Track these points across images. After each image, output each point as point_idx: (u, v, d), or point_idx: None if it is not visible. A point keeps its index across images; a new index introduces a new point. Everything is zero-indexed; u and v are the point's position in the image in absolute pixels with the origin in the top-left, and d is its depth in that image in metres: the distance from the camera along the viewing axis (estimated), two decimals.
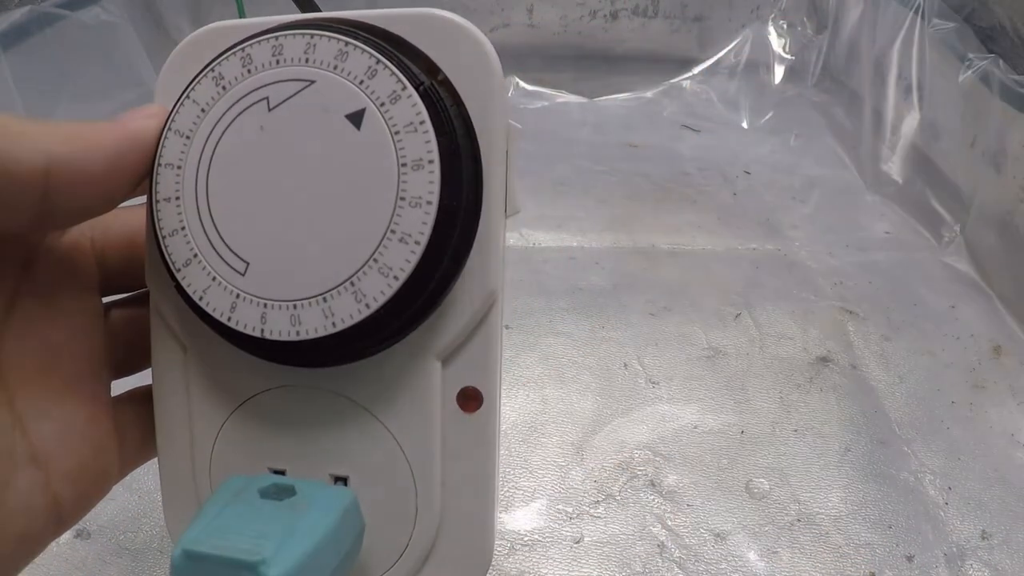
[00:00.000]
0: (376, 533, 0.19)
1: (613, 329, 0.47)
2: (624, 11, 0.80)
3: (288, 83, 0.18)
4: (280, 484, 0.18)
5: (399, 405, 0.19)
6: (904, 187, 0.63)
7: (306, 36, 0.18)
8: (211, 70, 0.18)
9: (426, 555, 0.19)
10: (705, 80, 0.81)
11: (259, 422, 0.20)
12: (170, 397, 0.21)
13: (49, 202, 0.17)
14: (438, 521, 0.19)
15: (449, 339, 0.18)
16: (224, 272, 0.18)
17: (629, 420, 0.41)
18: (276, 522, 0.16)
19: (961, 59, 0.57)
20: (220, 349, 0.19)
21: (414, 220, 0.17)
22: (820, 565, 0.34)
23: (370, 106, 0.17)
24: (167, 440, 0.21)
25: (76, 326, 0.20)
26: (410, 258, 0.17)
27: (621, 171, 0.67)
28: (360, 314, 0.17)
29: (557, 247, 0.55)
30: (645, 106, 0.79)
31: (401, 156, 0.17)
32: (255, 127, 0.18)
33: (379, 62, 0.17)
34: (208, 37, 0.20)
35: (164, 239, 0.18)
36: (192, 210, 0.18)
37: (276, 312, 0.17)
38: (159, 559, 0.34)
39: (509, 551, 0.34)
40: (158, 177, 0.19)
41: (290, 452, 0.20)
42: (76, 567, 0.33)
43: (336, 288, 0.17)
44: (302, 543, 0.16)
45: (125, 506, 0.36)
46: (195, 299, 0.18)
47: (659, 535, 0.35)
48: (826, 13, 0.76)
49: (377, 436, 0.19)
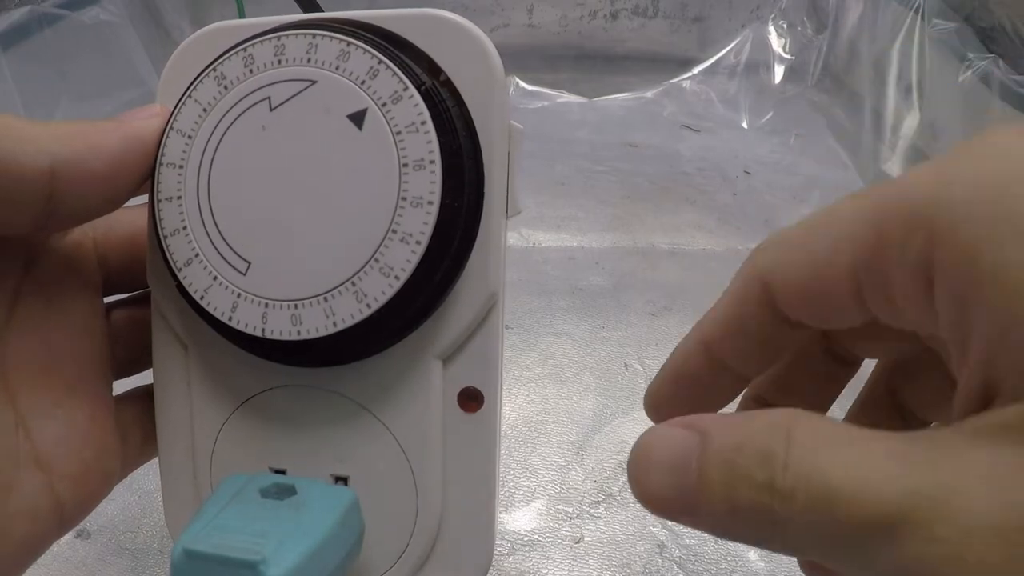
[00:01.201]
0: (376, 533, 0.19)
1: (613, 329, 0.47)
2: (624, 11, 0.80)
3: (290, 83, 0.18)
4: (281, 483, 0.18)
5: (400, 405, 0.19)
6: None
7: (308, 36, 0.18)
8: (213, 70, 0.18)
9: (426, 555, 0.19)
10: (705, 80, 0.81)
11: (260, 422, 0.20)
12: (171, 397, 0.21)
13: (54, 203, 0.17)
14: (438, 521, 0.19)
15: (450, 339, 0.18)
16: (225, 272, 0.18)
17: (629, 420, 0.41)
18: (276, 521, 0.16)
19: (961, 59, 0.57)
20: (221, 349, 0.19)
21: (415, 220, 0.17)
22: None
23: (372, 106, 0.17)
24: (168, 440, 0.21)
25: (78, 326, 0.20)
26: (411, 258, 0.17)
27: (621, 171, 0.67)
28: (361, 314, 0.17)
29: (557, 247, 0.55)
30: (645, 106, 0.79)
31: (403, 156, 0.17)
32: (257, 127, 0.18)
33: (381, 62, 0.17)
34: (210, 37, 0.20)
35: (165, 238, 0.18)
36: (194, 209, 0.18)
37: (277, 312, 0.17)
38: (159, 559, 0.34)
39: (509, 551, 0.34)
40: (160, 176, 0.19)
41: (291, 452, 0.20)
42: (76, 567, 0.33)
43: (337, 288, 0.17)
44: (302, 542, 0.16)
45: (125, 506, 0.35)
46: (196, 298, 0.18)
47: (659, 535, 0.35)
48: (826, 13, 0.76)
49: (378, 436, 0.19)
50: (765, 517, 0.14)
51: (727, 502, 0.15)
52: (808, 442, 0.14)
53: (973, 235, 0.13)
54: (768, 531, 0.14)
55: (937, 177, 0.14)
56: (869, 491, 0.13)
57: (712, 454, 0.15)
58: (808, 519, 0.14)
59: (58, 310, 0.20)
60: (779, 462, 0.14)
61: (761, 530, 0.15)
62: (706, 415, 0.16)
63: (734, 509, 0.15)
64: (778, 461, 0.14)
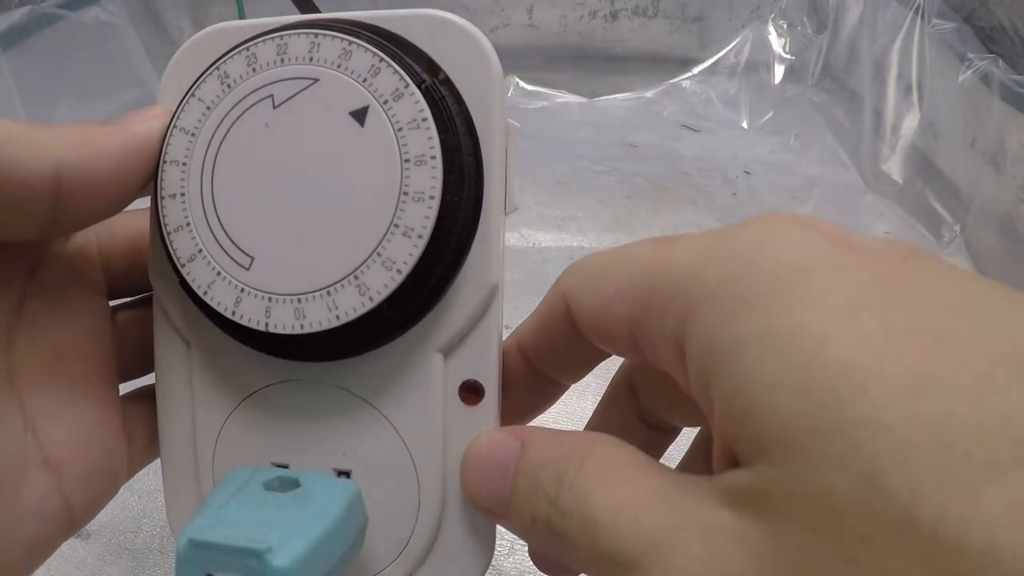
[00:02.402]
0: (378, 527, 0.19)
1: None
2: (624, 11, 0.80)
3: (292, 81, 0.18)
4: (284, 477, 0.18)
5: (401, 398, 0.19)
6: (904, 187, 0.63)
7: (310, 35, 0.18)
8: (216, 69, 0.19)
9: (428, 549, 0.20)
10: (705, 80, 0.81)
11: (262, 417, 0.20)
12: (173, 393, 0.21)
13: (59, 208, 0.17)
14: (440, 515, 0.19)
15: (451, 332, 0.19)
16: (229, 267, 0.18)
17: None
18: (281, 512, 0.17)
19: (961, 59, 0.57)
20: (223, 344, 0.19)
21: (417, 214, 0.17)
22: None
23: (373, 103, 0.17)
24: (170, 436, 0.21)
25: (84, 329, 0.20)
26: (413, 251, 0.17)
27: (621, 171, 0.67)
28: (364, 307, 0.17)
29: (557, 247, 0.55)
30: (645, 106, 0.79)
31: (404, 152, 0.17)
32: (260, 124, 0.18)
33: (382, 60, 0.17)
34: (211, 38, 0.20)
35: (169, 235, 0.19)
36: (197, 206, 0.18)
37: (280, 306, 0.18)
38: (159, 559, 0.34)
39: (509, 551, 0.34)
40: (163, 174, 0.19)
41: (293, 446, 0.20)
42: (76, 567, 0.33)
43: (340, 281, 0.17)
44: (308, 533, 0.16)
45: (125, 506, 0.36)
46: (199, 294, 0.18)
47: None
48: (826, 13, 0.76)
49: (380, 430, 0.19)
50: (551, 531, 0.15)
51: (527, 512, 0.16)
52: (596, 469, 0.15)
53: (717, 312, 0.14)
54: (556, 544, 0.15)
55: (705, 250, 0.15)
56: (618, 528, 0.14)
57: (524, 465, 0.17)
58: (577, 540, 0.15)
59: (64, 313, 0.20)
60: (567, 482, 0.15)
61: (551, 542, 0.16)
62: (536, 428, 0.18)
63: (533, 520, 0.16)
64: (567, 481, 0.15)
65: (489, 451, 0.18)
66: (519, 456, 0.17)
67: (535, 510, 0.16)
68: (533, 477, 0.16)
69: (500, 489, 0.17)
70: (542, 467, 0.16)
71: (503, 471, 0.17)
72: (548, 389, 0.22)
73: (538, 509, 0.16)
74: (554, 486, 0.15)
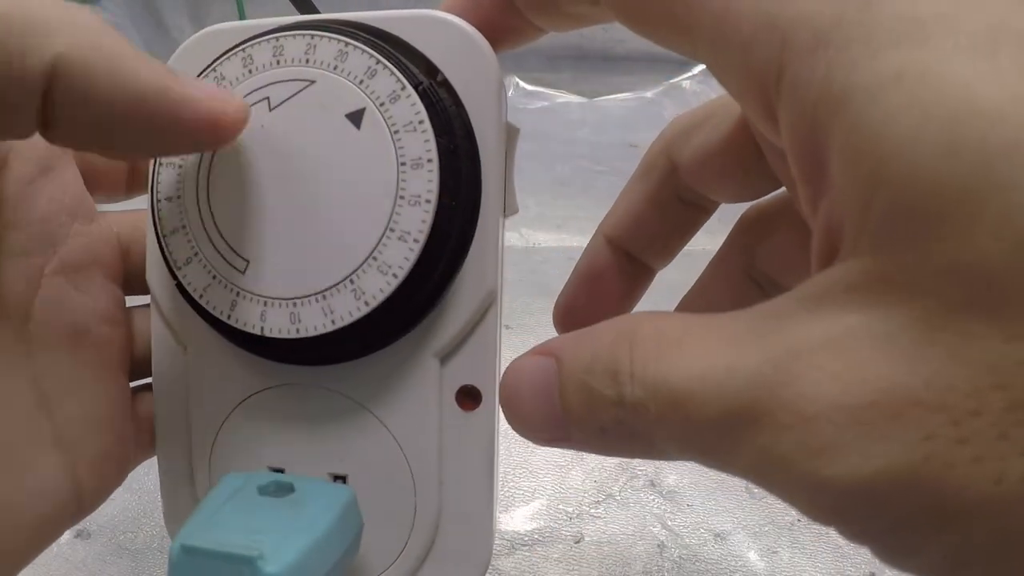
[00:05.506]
0: (375, 531, 0.19)
1: None
2: None
3: (289, 83, 0.18)
4: (279, 481, 0.18)
5: (398, 403, 0.19)
6: None
7: (307, 37, 0.18)
8: (212, 70, 0.19)
9: (425, 553, 0.19)
10: (705, 80, 0.81)
11: (258, 421, 0.20)
12: (170, 396, 0.21)
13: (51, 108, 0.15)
14: (437, 519, 0.19)
15: (448, 337, 0.19)
16: (224, 270, 0.18)
17: None
18: (274, 518, 0.16)
19: None
20: (220, 348, 0.19)
21: (413, 218, 0.17)
22: (820, 565, 0.34)
23: (370, 105, 0.17)
24: (166, 439, 0.21)
25: (102, 312, 0.20)
26: (409, 256, 0.17)
27: (621, 171, 0.67)
28: (359, 312, 0.17)
29: (557, 247, 0.55)
30: (645, 106, 0.79)
31: (400, 155, 0.17)
32: (256, 126, 0.18)
33: (379, 62, 0.17)
34: (209, 39, 0.20)
35: (164, 237, 0.19)
36: (193, 209, 0.18)
37: (276, 310, 0.18)
38: (159, 559, 0.34)
39: (509, 551, 0.34)
40: (159, 176, 0.19)
41: (289, 450, 0.20)
42: (76, 567, 0.33)
43: (336, 286, 0.17)
44: (300, 539, 0.16)
45: (125, 506, 0.36)
46: (195, 297, 0.18)
47: (659, 535, 0.35)
48: None
49: (376, 434, 0.19)
50: (628, 432, 0.13)
51: (592, 424, 0.14)
52: (650, 348, 0.13)
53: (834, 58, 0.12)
54: (638, 444, 0.14)
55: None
56: (710, 390, 0.12)
57: (567, 378, 0.14)
58: (666, 427, 0.13)
59: (84, 293, 0.20)
60: (626, 375, 0.13)
61: (632, 444, 0.14)
62: (559, 337, 0.15)
63: (602, 430, 0.14)
64: (624, 375, 0.13)
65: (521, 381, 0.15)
66: (556, 372, 0.15)
67: (600, 418, 0.14)
68: (583, 387, 0.14)
69: (551, 414, 0.15)
70: (588, 373, 0.14)
71: (547, 395, 0.15)
72: (640, 276, 0.21)
73: (604, 415, 0.14)
74: (613, 386, 0.13)
